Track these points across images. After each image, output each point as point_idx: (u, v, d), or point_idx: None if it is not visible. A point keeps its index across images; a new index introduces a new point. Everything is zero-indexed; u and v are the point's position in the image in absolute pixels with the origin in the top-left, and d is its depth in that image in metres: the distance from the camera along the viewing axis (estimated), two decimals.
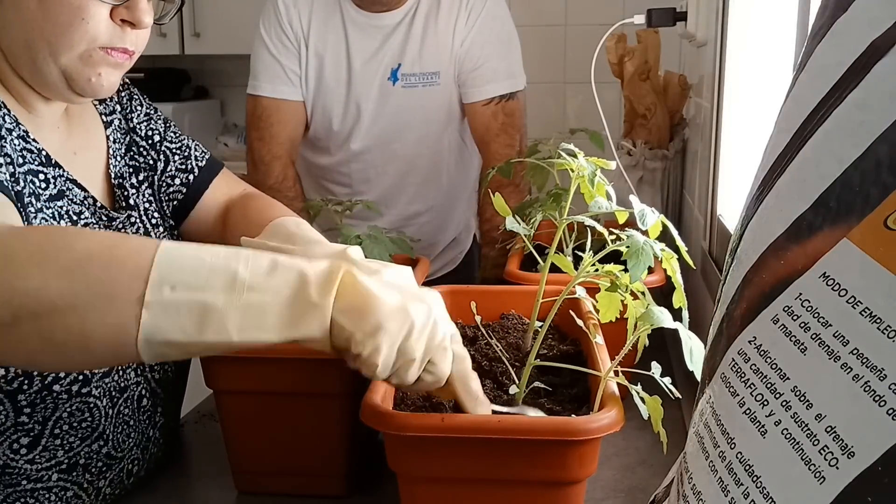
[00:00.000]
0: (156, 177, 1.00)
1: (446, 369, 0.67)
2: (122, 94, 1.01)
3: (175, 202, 1.01)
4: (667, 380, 0.71)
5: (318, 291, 0.61)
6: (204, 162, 1.05)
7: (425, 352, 0.64)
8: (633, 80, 1.66)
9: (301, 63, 1.64)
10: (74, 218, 0.85)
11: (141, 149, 0.99)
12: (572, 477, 0.68)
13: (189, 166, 1.03)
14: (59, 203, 0.84)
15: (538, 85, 2.28)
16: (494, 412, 0.71)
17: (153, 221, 0.97)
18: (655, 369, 0.70)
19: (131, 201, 0.95)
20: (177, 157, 1.02)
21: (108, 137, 0.96)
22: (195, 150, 1.05)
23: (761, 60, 1.21)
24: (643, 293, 0.77)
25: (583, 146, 0.94)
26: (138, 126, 1.00)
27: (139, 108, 1.02)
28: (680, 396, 0.72)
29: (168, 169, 1.01)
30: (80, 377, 0.82)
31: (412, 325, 0.62)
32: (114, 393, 0.86)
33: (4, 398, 0.78)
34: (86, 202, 0.88)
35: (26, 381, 0.78)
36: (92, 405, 0.84)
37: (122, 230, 0.92)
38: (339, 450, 0.87)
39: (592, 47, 1.65)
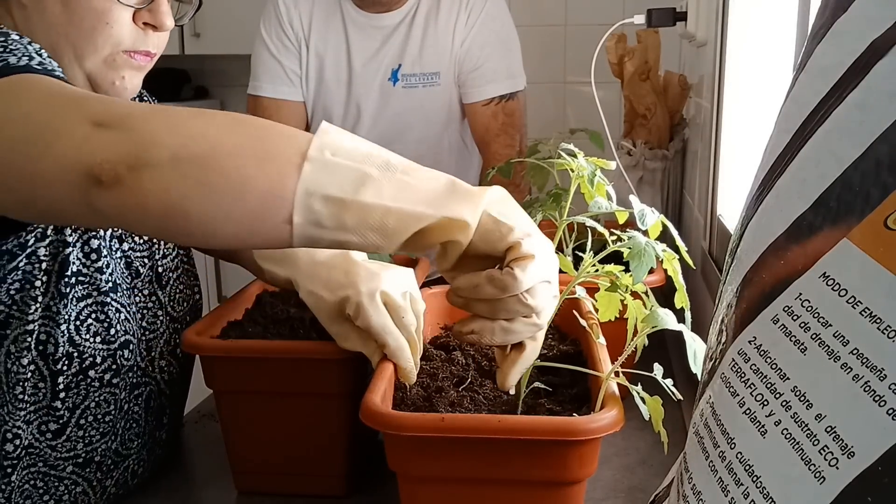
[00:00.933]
0: None
1: (546, 318, 0.66)
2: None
3: None
4: (668, 381, 0.70)
5: (473, 186, 0.63)
6: None
7: (556, 285, 0.65)
8: (633, 80, 1.66)
9: (301, 63, 1.64)
10: None
11: None
12: (572, 477, 0.68)
13: None
14: None
15: (538, 85, 2.28)
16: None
17: None
18: (658, 370, 0.70)
19: None
20: None
21: None
22: None
23: (761, 60, 1.21)
24: (647, 294, 0.77)
25: (583, 146, 0.94)
26: None
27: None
28: (682, 398, 0.72)
29: None
30: (114, 366, 0.84)
31: (551, 254, 0.65)
32: (129, 387, 0.88)
33: (48, 376, 0.80)
34: None
35: (67, 362, 0.80)
36: (115, 396, 0.85)
37: None
38: (338, 450, 0.87)
39: (592, 47, 1.65)
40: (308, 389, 0.84)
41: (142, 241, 0.92)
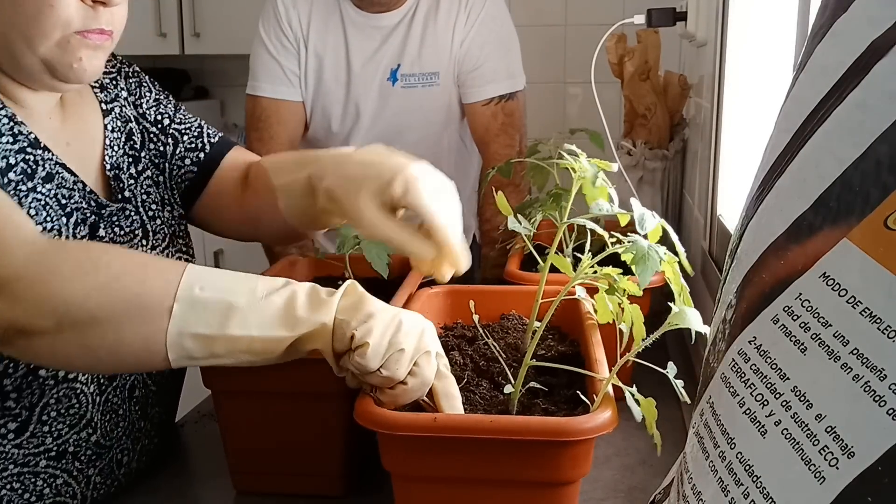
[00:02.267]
0: (166, 163, 1.00)
1: (430, 375, 0.71)
2: (131, 80, 1.00)
3: (187, 182, 1.01)
4: (679, 382, 0.70)
5: (327, 293, 0.70)
6: (216, 139, 1.04)
7: (415, 349, 0.69)
8: (633, 80, 1.66)
9: (300, 63, 1.64)
10: (63, 201, 0.84)
11: (151, 134, 1.00)
12: (565, 477, 0.68)
13: (200, 145, 1.03)
14: (48, 186, 0.83)
15: (538, 85, 2.28)
16: None
17: (150, 213, 0.96)
18: (671, 370, 0.69)
19: (126, 193, 0.93)
20: (186, 138, 1.02)
21: (105, 127, 0.94)
22: (206, 129, 1.05)
23: (761, 60, 1.21)
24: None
25: (583, 146, 0.94)
26: (147, 112, 1.00)
27: (148, 94, 1.02)
28: (689, 401, 0.71)
29: (177, 151, 1.01)
30: None
31: (401, 323, 0.69)
32: (101, 380, 0.86)
33: None
34: (76, 186, 0.86)
35: (12, 365, 0.78)
36: (79, 391, 0.83)
37: (114, 221, 0.91)
38: (336, 450, 0.87)
39: (592, 47, 1.65)
40: (306, 389, 0.84)
41: (123, 236, 0.91)
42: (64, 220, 0.83)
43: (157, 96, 1.02)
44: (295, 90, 1.65)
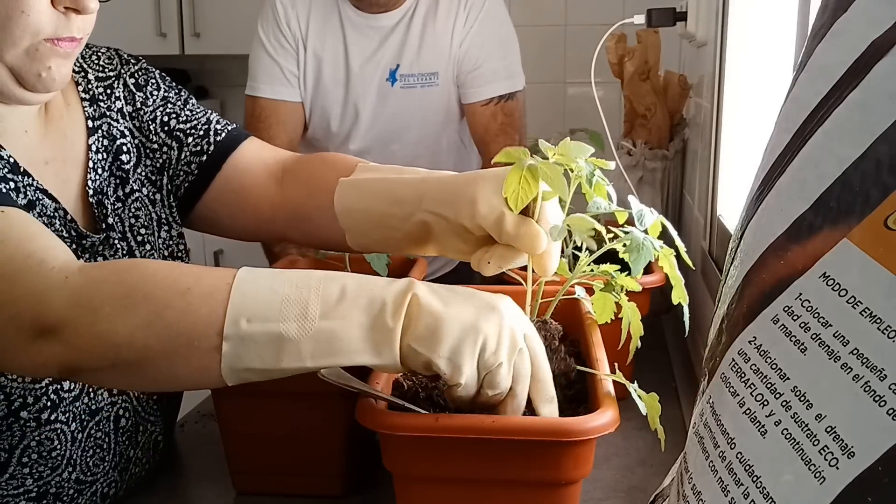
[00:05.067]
0: (167, 172, 0.95)
1: (527, 369, 0.66)
2: (136, 79, 0.96)
3: (188, 184, 0.96)
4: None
5: (392, 316, 0.63)
6: (223, 134, 0.97)
7: (509, 354, 0.64)
8: (633, 80, 1.66)
9: (299, 64, 1.64)
10: None
11: (152, 145, 0.94)
12: (567, 478, 0.68)
13: (207, 142, 0.96)
14: (30, 214, 0.78)
15: (538, 85, 2.28)
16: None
17: (139, 238, 0.91)
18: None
19: (111, 220, 0.88)
20: (191, 139, 0.96)
21: (89, 147, 0.89)
22: (214, 124, 0.98)
23: (761, 60, 1.21)
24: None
25: None
26: (152, 116, 0.95)
27: (156, 91, 0.97)
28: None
29: (182, 156, 0.95)
30: (49, 403, 0.78)
31: (486, 340, 0.63)
32: (83, 416, 0.82)
33: None
34: (56, 214, 0.82)
35: None
36: (59, 432, 0.80)
37: (97, 251, 0.86)
38: (337, 450, 0.87)
39: (592, 47, 1.65)
40: (307, 389, 0.84)
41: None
42: None
43: (166, 93, 0.97)
44: (294, 91, 1.65)
